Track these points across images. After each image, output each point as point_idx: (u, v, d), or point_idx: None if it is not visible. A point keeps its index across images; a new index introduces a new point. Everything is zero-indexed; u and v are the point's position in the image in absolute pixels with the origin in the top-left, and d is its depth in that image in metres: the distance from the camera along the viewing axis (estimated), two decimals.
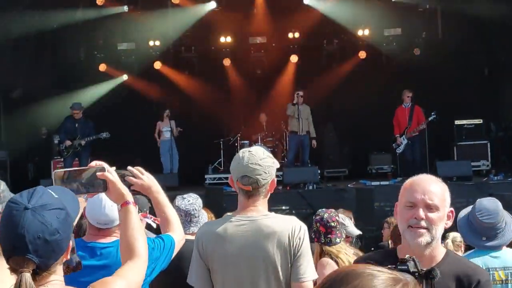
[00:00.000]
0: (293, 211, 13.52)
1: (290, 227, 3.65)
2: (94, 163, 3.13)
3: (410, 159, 15.76)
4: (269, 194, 3.83)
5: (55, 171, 3.10)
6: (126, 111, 18.75)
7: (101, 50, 19.31)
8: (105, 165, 3.13)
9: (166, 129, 17.12)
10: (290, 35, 19.10)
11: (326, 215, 5.42)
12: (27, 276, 2.36)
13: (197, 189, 13.41)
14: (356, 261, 3.26)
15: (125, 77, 19.38)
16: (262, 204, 3.77)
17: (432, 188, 3.12)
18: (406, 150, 15.77)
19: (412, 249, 2.98)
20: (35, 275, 2.41)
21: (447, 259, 3.13)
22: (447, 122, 16.77)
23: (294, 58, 19.11)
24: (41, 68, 18.34)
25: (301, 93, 16.28)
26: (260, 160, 3.73)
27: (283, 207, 13.64)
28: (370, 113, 18.25)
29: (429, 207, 3.05)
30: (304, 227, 3.73)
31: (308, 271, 3.64)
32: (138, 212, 3.23)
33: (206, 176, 17.25)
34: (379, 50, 19.07)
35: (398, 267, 2.50)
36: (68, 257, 2.58)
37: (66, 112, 15.99)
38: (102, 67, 19.01)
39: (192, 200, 5.31)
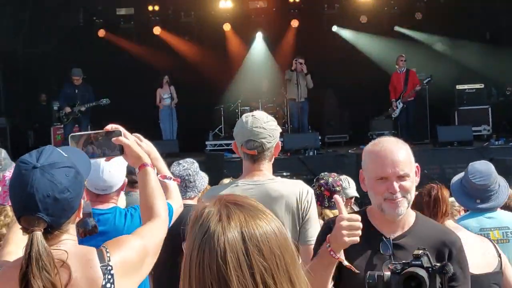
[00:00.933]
0: (294, 177, 13.49)
1: (297, 190, 3.67)
2: (110, 127, 3.08)
3: (404, 123, 15.77)
4: (273, 158, 3.82)
5: (71, 134, 3.08)
6: (126, 77, 18.68)
7: (100, 15, 19.18)
8: (121, 128, 3.08)
9: (166, 96, 17.07)
10: None
11: (330, 179, 5.42)
12: (39, 234, 2.36)
13: (197, 156, 13.42)
14: (327, 221, 3.23)
15: (124, 42, 19.25)
16: (267, 168, 3.77)
17: (400, 156, 3.02)
18: (401, 115, 15.77)
19: (387, 217, 3.01)
20: (47, 234, 2.42)
21: (418, 223, 3.12)
22: (448, 87, 16.71)
23: (294, 23, 18.94)
24: (40, 34, 18.24)
25: (301, 60, 16.20)
26: (264, 123, 3.73)
27: (284, 173, 13.60)
28: (370, 78, 18.17)
29: (401, 177, 2.99)
30: (311, 191, 3.76)
31: (316, 234, 3.64)
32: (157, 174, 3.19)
33: (206, 143, 17.24)
34: (380, 14, 18.90)
35: (412, 262, 2.69)
36: (81, 215, 2.60)
37: (66, 79, 15.92)
38: (101, 33, 18.88)
39: (186, 166, 5.29)
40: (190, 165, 5.29)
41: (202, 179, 5.34)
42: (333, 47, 18.83)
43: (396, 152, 3.03)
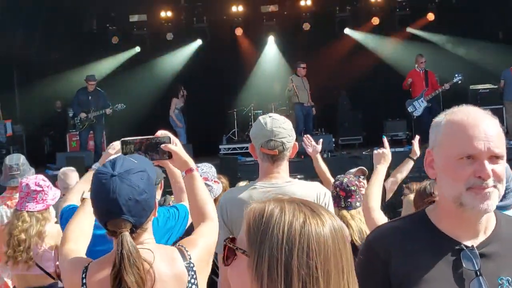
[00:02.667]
0: (308, 180, 13.50)
1: (315, 193, 3.66)
2: (160, 133, 3.18)
3: (427, 123, 15.60)
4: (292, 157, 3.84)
5: (122, 139, 3.21)
6: (139, 83, 18.78)
7: (113, 22, 19.29)
8: (170, 135, 3.18)
9: (179, 106, 17.21)
10: (302, 2, 18.99)
11: (345, 180, 5.43)
12: (127, 234, 2.61)
13: (211, 160, 13.47)
14: (377, 230, 2.47)
15: (137, 49, 19.38)
16: (284, 170, 3.77)
17: (494, 130, 2.20)
18: (424, 114, 15.64)
19: (468, 216, 2.19)
20: (132, 233, 2.66)
21: (501, 223, 2.29)
22: (461, 87, 16.66)
23: (306, 26, 18.98)
24: (54, 41, 18.36)
25: (303, 65, 16.27)
26: (283, 123, 3.75)
27: (298, 176, 13.63)
28: (384, 80, 18.19)
29: (495, 158, 2.16)
30: (329, 193, 3.75)
31: None
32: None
33: (220, 147, 17.28)
34: (392, 16, 18.90)
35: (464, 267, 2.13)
36: (156, 214, 2.83)
37: (80, 85, 16.02)
38: (115, 40, 19.00)
39: (205, 169, 5.33)
40: (208, 169, 5.34)
41: (218, 184, 5.40)
42: (345, 49, 18.84)
43: (490, 123, 2.22)
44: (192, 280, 2.72)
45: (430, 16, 18.40)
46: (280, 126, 3.74)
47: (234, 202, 3.70)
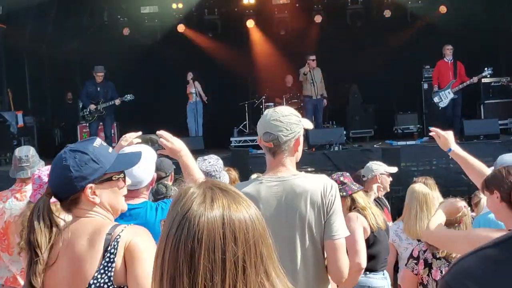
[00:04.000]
0: (319, 173, 13.46)
1: (321, 185, 3.63)
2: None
3: (450, 115, 15.49)
4: (297, 154, 3.78)
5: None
6: (150, 74, 18.80)
7: (125, 14, 19.28)
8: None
9: (193, 91, 17.10)
10: None
11: (335, 175, 5.51)
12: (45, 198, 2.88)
13: (222, 152, 13.49)
14: (457, 265, 1.80)
15: (148, 40, 19.38)
16: (290, 163, 3.73)
17: None
18: (449, 106, 15.50)
19: None
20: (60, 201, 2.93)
21: None
22: (483, 77, 16.57)
23: (318, 18, 18.91)
24: (65, 33, 18.37)
25: (312, 57, 16.21)
26: (282, 116, 3.69)
27: (309, 169, 13.62)
28: (395, 73, 18.12)
29: None
30: (335, 185, 3.72)
31: (341, 229, 3.64)
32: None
33: (231, 139, 17.27)
34: (404, 9, 18.82)
35: None
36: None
37: (89, 77, 16.05)
38: (126, 31, 19.00)
39: (212, 162, 5.36)
40: (215, 162, 5.36)
41: (224, 176, 5.40)
42: (357, 42, 18.78)
43: None
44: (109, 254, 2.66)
45: (443, 9, 18.28)
46: (278, 119, 3.68)
47: None
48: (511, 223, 3.71)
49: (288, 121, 3.69)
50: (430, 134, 4.98)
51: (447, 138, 4.77)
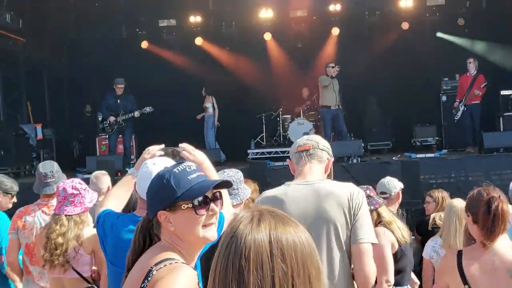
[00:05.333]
0: None
1: (348, 191, 3.71)
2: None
3: (468, 126, 15.42)
4: (327, 174, 3.94)
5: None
6: (168, 87, 18.87)
7: (143, 27, 19.41)
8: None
9: (209, 105, 17.15)
10: (331, 7, 18.92)
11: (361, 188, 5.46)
12: None
13: (240, 164, 13.49)
14: None
15: (167, 53, 19.48)
16: (320, 173, 3.88)
17: None
18: (464, 118, 15.43)
19: None
20: None
21: None
22: (492, 93, 16.49)
23: (335, 31, 18.94)
24: (84, 46, 18.52)
25: (332, 64, 16.11)
26: (318, 138, 4.05)
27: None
28: (413, 85, 18.09)
29: None
30: (362, 192, 3.79)
31: (368, 234, 3.66)
32: None
33: (249, 151, 17.26)
34: (422, 21, 18.79)
35: None
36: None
37: (109, 89, 16.12)
38: (144, 44, 19.13)
39: (231, 174, 5.36)
40: (234, 173, 5.36)
41: (245, 189, 5.40)
42: (374, 54, 18.76)
43: None
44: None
45: (461, 21, 18.25)
46: (315, 137, 4.07)
47: (270, 199, 3.82)
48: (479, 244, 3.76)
49: (323, 141, 4.00)
50: None
51: None
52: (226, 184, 2.68)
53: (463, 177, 13.43)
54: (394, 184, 6.42)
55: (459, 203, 6.02)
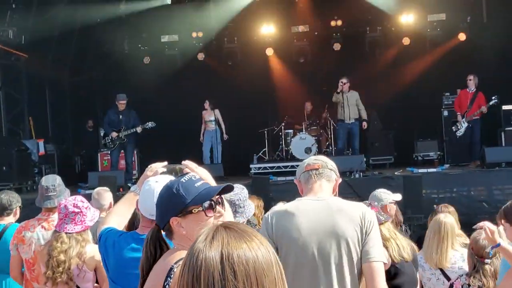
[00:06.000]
0: None
1: (360, 210, 3.75)
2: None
3: (468, 142, 15.51)
4: (334, 193, 3.97)
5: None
6: (171, 102, 18.89)
7: (145, 43, 19.47)
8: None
9: (212, 119, 17.05)
10: (333, 23, 18.97)
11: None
12: None
13: (242, 179, 13.49)
14: None
15: (168, 69, 19.53)
16: (328, 190, 3.93)
17: None
18: (466, 133, 15.53)
19: None
20: None
21: None
22: (494, 108, 16.53)
23: (337, 46, 18.98)
24: (86, 62, 18.58)
25: (344, 80, 16.13)
26: (326, 158, 4.10)
27: None
28: (414, 100, 18.12)
29: None
30: (374, 213, 3.83)
31: (379, 253, 3.68)
32: None
33: (251, 166, 17.24)
34: (423, 36, 18.84)
35: None
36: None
37: (112, 105, 16.14)
38: (146, 60, 19.17)
39: (237, 191, 5.33)
40: (240, 191, 5.33)
41: (250, 206, 5.38)
42: (376, 69, 18.81)
43: None
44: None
45: (462, 36, 18.29)
46: (323, 158, 4.12)
47: (281, 213, 3.85)
48: None
49: (331, 162, 4.06)
50: (475, 227, 5.01)
51: (494, 232, 4.72)
52: (229, 189, 2.89)
53: (465, 192, 13.42)
54: (380, 197, 6.44)
55: (447, 219, 6.05)
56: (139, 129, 15.57)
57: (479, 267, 4.96)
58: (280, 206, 4.06)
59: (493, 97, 15.32)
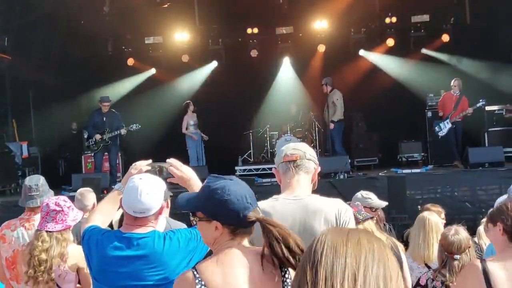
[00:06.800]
0: None
1: (336, 208, 3.68)
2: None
3: (453, 142, 15.62)
4: (313, 184, 3.91)
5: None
6: (155, 104, 18.84)
7: (129, 44, 19.40)
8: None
9: (192, 123, 17.14)
10: (317, 24, 18.97)
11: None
12: None
13: None
14: None
15: (153, 70, 19.49)
16: (307, 185, 3.85)
17: None
18: (449, 135, 15.61)
19: None
20: None
21: None
22: (477, 108, 16.63)
23: (321, 48, 19.00)
24: (69, 64, 18.48)
25: (322, 81, 16.29)
26: (305, 145, 4.01)
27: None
28: (398, 101, 18.18)
29: None
30: (350, 209, 3.76)
31: None
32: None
33: (236, 168, 17.25)
34: (407, 38, 18.91)
35: None
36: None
37: (95, 107, 16.07)
38: (130, 62, 19.10)
39: None
40: None
41: None
42: (360, 70, 18.86)
43: None
44: None
45: (445, 37, 18.39)
46: (302, 146, 3.99)
47: None
48: (506, 253, 3.81)
49: (309, 150, 3.94)
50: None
51: None
52: None
53: (449, 193, 13.50)
54: (356, 197, 6.49)
55: (432, 216, 6.10)
56: (123, 131, 15.51)
57: (448, 263, 5.01)
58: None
59: (481, 100, 15.42)
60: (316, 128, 17.50)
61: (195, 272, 2.75)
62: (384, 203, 6.84)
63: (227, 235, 2.90)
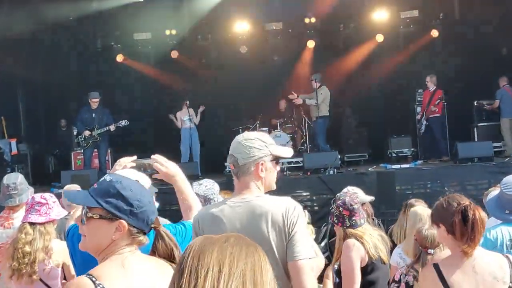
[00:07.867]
0: (314, 197, 13.50)
1: (283, 207, 3.59)
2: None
3: (430, 139, 15.78)
4: (266, 179, 3.78)
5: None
6: (145, 100, 18.80)
7: (118, 40, 19.32)
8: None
9: (186, 118, 17.10)
10: (307, 20, 18.94)
11: (347, 199, 5.41)
12: None
13: (217, 177, 13.43)
14: None
15: (142, 66, 19.43)
16: (254, 186, 3.73)
17: None
18: (426, 131, 15.80)
19: None
20: None
21: None
22: (466, 104, 16.67)
23: (311, 43, 18.97)
24: (59, 60, 18.41)
25: (311, 77, 16.34)
26: (244, 140, 3.77)
27: (304, 193, 13.62)
28: (388, 96, 18.21)
29: None
30: (299, 207, 3.66)
31: (304, 250, 3.55)
32: None
33: (226, 164, 17.20)
34: (396, 33, 18.94)
35: None
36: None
37: (84, 104, 16.02)
38: (120, 58, 19.03)
39: (209, 185, 5.39)
40: (211, 185, 5.38)
41: (220, 199, 5.42)
42: (350, 66, 18.86)
43: None
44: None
45: (434, 33, 18.41)
46: (240, 142, 3.76)
47: (207, 217, 3.70)
48: (457, 252, 3.81)
49: (249, 144, 3.74)
50: None
51: None
52: None
53: (439, 187, 13.52)
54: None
55: (423, 210, 6.12)
56: (112, 128, 15.47)
57: (422, 257, 5.02)
58: (206, 208, 3.86)
59: (440, 97, 15.79)
60: (306, 124, 17.49)
61: (93, 279, 2.59)
62: (370, 198, 6.87)
63: (126, 238, 2.76)
